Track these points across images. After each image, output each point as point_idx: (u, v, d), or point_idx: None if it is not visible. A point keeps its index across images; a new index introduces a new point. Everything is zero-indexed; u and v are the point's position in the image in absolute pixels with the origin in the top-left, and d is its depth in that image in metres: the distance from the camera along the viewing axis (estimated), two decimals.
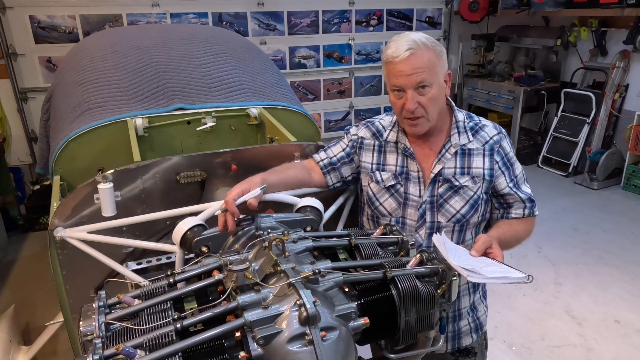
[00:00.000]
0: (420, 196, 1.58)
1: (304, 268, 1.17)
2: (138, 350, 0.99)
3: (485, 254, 1.41)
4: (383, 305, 1.22)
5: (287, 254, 1.21)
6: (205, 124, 2.31)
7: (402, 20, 6.48)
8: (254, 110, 2.42)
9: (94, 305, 1.11)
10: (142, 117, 2.22)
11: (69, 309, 1.68)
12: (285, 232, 1.33)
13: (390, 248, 1.46)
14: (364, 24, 6.29)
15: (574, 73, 5.89)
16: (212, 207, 1.51)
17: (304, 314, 1.03)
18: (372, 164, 1.66)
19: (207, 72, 2.56)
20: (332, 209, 1.83)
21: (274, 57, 5.86)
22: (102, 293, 1.16)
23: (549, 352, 3.04)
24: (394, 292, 1.23)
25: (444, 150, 1.57)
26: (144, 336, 1.02)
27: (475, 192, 1.56)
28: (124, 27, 4.62)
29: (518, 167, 1.63)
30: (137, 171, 1.71)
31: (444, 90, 1.51)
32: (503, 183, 1.59)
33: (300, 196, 1.64)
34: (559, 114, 5.92)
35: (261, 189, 1.44)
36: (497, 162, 1.58)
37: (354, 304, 1.18)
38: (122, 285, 1.48)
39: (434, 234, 1.43)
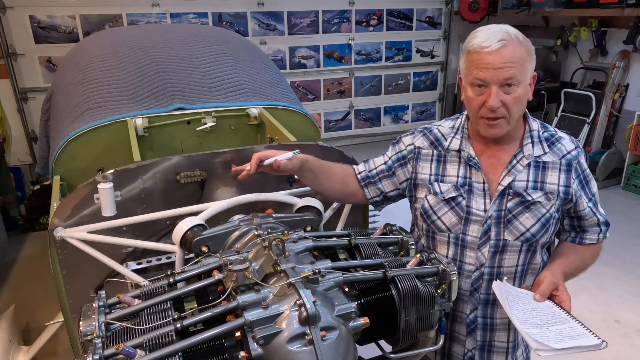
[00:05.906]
0: (485, 210, 1.42)
1: (304, 268, 1.17)
2: (138, 350, 0.99)
3: (551, 296, 1.35)
4: (383, 305, 1.23)
5: (287, 253, 1.21)
6: (205, 124, 2.31)
7: (402, 20, 6.48)
8: (254, 110, 2.42)
9: (94, 305, 1.11)
10: (142, 117, 2.22)
11: (69, 309, 1.68)
12: (285, 232, 1.33)
13: (390, 248, 1.46)
14: (364, 24, 6.29)
15: (574, 73, 5.89)
16: (212, 207, 1.51)
17: (304, 313, 1.03)
18: (430, 174, 1.49)
19: (207, 72, 2.56)
20: (332, 208, 1.83)
21: (274, 57, 5.86)
22: (102, 293, 1.16)
23: None
24: (394, 292, 1.24)
25: (514, 161, 1.41)
26: (144, 336, 1.03)
27: (548, 210, 1.40)
28: (124, 27, 4.62)
29: (594, 185, 1.48)
30: (137, 171, 1.71)
31: (528, 93, 1.35)
32: (583, 203, 1.44)
33: (300, 196, 1.64)
34: (559, 114, 5.90)
35: (294, 153, 1.40)
36: (574, 180, 1.43)
37: (354, 304, 1.18)
38: (122, 285, 1.48)
39: (495, 281, 1.38)
